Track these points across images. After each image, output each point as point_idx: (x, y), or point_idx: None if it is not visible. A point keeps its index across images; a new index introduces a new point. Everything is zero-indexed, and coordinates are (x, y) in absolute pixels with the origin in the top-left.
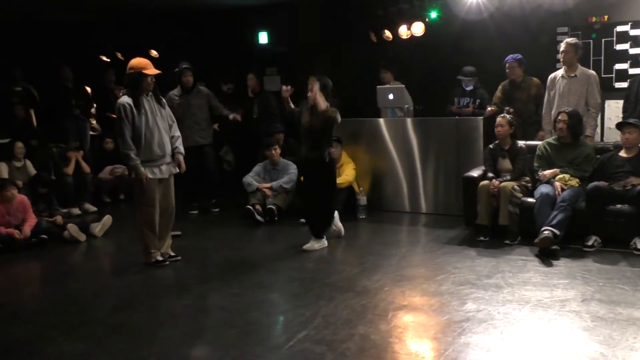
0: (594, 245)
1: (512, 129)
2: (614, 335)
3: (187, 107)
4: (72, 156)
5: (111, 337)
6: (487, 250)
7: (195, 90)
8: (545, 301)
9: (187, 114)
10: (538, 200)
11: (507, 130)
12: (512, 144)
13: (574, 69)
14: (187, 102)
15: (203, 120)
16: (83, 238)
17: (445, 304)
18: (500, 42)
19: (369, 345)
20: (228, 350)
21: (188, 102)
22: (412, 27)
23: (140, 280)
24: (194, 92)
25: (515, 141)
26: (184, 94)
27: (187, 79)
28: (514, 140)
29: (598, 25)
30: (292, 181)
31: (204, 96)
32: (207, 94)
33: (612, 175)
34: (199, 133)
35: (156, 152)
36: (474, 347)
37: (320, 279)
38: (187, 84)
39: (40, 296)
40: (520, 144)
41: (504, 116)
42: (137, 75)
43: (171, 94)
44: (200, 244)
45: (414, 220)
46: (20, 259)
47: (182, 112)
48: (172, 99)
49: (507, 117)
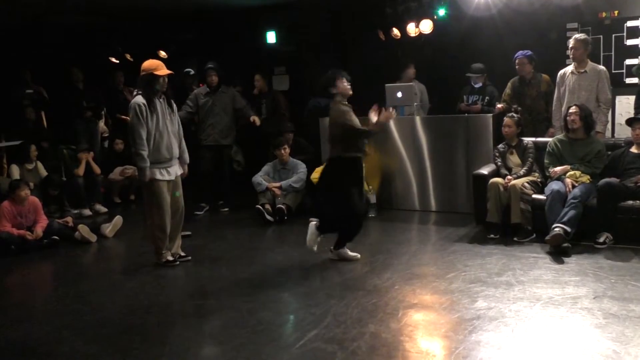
0: (606, 242)
1: (519, 128)
2: (627, 332)
3: (212, 106)
4: (83, 157)
5: (123, 337)
6: (498, 248)
7: (221, 90)
8: (556, 298)
9: (210, 114)
10: (549, 197)
11: (514, 131)
12: (519, 141)
13: (584, 65)
14: (212, 101)
15: (226, 121)
16: (94, 239)
17: (455, 302)
18: (509, 38)
19: (380, 343)
20: (239, 350)
21: (213, 101)
22: (421, 25)
23: (151, 280)
24: (220, 92)
25: (522, 138)
26: (209, 92)
27: (212, 78)
28: (520, 137)
29: (608, 20)
30: (301, 180)
31: (229, 96)
32: (232, 94)
33: (623, 172)
34: (220, 133)
35: (164, 154)
36: (485, 345)
37: (331, 277)
38: (212, 83)
39: (52, 297)
40: (527, 140)
41: (511, 116)
42: (149, 77)
43: (197, 92)
44: (210, 243)
45: (424, 218)
46: (32, 260)
47: (206, 111)
48: (197, 97)
49: (515, 117)
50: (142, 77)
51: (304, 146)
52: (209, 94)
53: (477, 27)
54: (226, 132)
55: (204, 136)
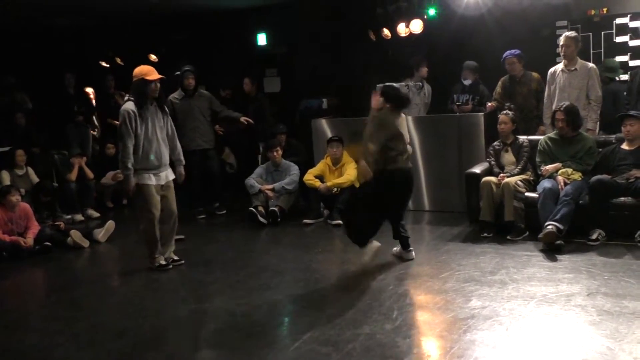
0: (598, 238)
1: (515, 125)
2: (620, 328)
3: (189, 110)
4: (76, 162)
5: (117, 342)
6: (491, 247)
7: (197, 94)
8: (550, 296)
9: (189, 118)
10: (541, 195)
11: (510, 128)
12: (514, 139)
13: (574, 63)
14: (189, 105)
15: (205, 124)
16: (87, 244)
17: (450, 302)
18: (500, 37)
19: (375, 344)
20: (234, 353)
21: (190, 105)
22: (411, 25)
23: (144, 285)
24: (196, 96)
25: (517, 136)
26: (185, 97)
27: (189, 81)
28: (516, 135)
29: (597, 18)
30: (294, 182)
31: (206, 99)
32: (208, 97)
33: (615, 168)
34: (201, 137)
35: (153, 162)
36: (480, 344)
37: (325, 279)
38: (189, 86)
39: (46, 303)
40: (522, 139)
41: (506, 113)
42: (140, 82)
43: (172, 97)
44: (204, 247)
45: (417, 218)
46: (25, 266)
47: (183, 116)
48: (173, 102)
49: (510, 114)
50: (134, 83)
51: (296, 148)
52: (185, 98)
53: (468, 26)
54: (208, 136)
55: (187, 141)
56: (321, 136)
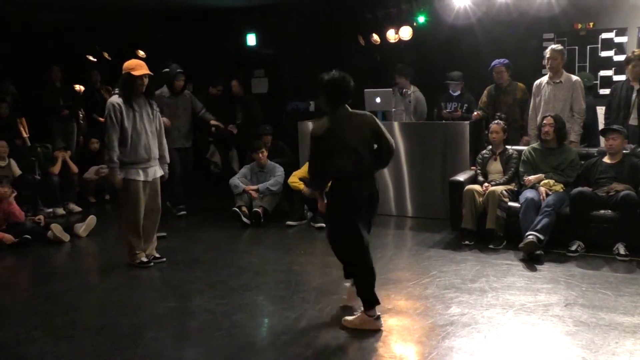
0: (578, 250)
1: (506, 135)
2: (596, 340)
3: (175, 109)
4: (60, 156)
5: (95, 338)
6: (472, 254)
7: (183, 94)
8: (528, 305)
9: (174, 117)
10: (523, 205)
11: (501, 137)
12: (504, 149)
13: (559, 75)
14: (176, 104)
15: (187, 123)
16: (67, 238)
17: (429, 308)
18: (488, 47)
19: (354, 348)
20: (213, 352)
21: (176, 104)
22: (400, 32)
23: (124, 281)
24: (182, 96)
25: (507, 147)
26: (172, 96)
27: (180, 83)
28: (506, 145)
29: (584, 31)
30: (278, 184)
31: (188, 99)
32: (190, 97)
33: (596, 181)
34: (184, 136)
35: (142, 155)
36: (458, 351)
37: (307, 281)
38: (179, 88)
39: (23, 297)
40: (512, 150)
41: (497, 123)
42: (127, 77)
43: (162, 94)
44: (186, 245)
45: (400, 223)
46: (3, 259)
47: (169, 114)
48: (162, 99)
49: (501, 123)
50: (121, 77)
51: (282, 149)
52: (172, 97)
53: (457, 35)
54: (188, 135)
55: (170, 140)
56: (307, 138)
